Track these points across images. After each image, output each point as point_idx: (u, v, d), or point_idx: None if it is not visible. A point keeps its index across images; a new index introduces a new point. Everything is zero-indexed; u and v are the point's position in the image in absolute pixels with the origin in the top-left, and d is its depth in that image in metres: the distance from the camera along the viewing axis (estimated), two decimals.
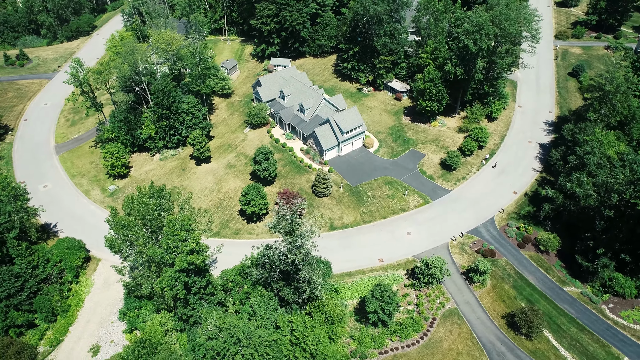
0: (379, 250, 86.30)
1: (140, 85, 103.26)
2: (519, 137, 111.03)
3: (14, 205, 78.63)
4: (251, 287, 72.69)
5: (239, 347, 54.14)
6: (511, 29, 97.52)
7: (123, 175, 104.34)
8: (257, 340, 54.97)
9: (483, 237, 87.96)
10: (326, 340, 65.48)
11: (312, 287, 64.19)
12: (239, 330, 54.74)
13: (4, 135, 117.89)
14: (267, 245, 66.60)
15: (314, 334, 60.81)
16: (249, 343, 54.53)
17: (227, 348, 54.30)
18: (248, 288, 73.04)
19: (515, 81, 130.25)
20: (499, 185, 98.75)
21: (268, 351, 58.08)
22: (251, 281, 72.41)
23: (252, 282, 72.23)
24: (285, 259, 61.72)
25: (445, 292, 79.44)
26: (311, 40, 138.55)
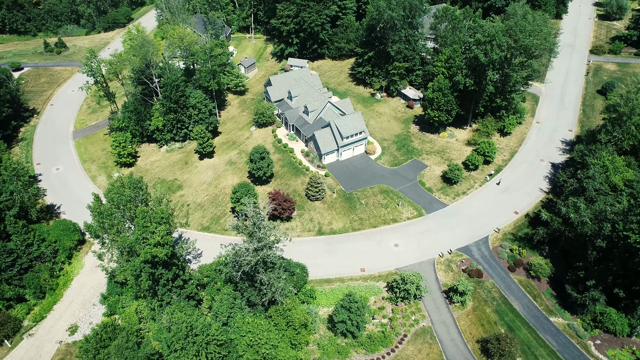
0: (362, 259, 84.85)
1: (151, 78, 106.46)
2: (530, 155, 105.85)
3: (15, 184, 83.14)
4: (223, 284, 73.42)
5: (185, 342, 54.82)
6: (526, 41, 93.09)
7: (129, 164, 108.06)
8: (202, 338, 55.44)
9: (472, 256, 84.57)
10: (285, 346, 65.14)
11: (272, 291, 63.98)
12: (186, 326, 55.44)
13: (30, 118, 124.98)
14: (235, 245, 66.96)
15: (268, 337, 60.58)
16: (196, 339, 55.10)
17: (174, 342, 55.14)
18: (220, 285, 73.84)
19: (537, 95, 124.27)
20: (500, 203, 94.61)
21: (219, 350, 58.46)
22: (223, 279, 73.13)
23: (224, 280, 72.93)
24: (241, 261, 61.86)
25: (422, 309, 77.03)
26: (330, 43, 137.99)
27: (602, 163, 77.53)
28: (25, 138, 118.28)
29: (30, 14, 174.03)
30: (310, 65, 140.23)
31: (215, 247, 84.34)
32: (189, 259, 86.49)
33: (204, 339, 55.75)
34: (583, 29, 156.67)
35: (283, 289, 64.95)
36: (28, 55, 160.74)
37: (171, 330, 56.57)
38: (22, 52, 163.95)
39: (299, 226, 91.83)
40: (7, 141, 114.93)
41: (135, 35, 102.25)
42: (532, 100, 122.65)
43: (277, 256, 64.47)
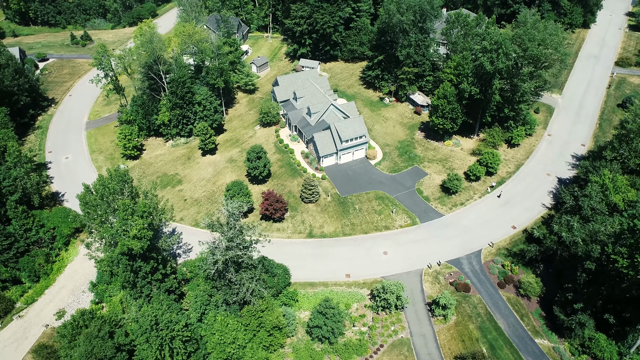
0: (349, 265, 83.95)
1: (158, 74, 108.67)
2: (537, 168, 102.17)
3: (18, 171, 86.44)
4: (203, 280, 74.11)
5: (149, 335, 55.61)
6: (534, 50, 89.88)
7: (135, 156, 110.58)
8: (166, 332, 56.09)
9: (462, 270, 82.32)
10: (256, 347, 65.21)
11: (243, 291, 64.10)
12: (151, 319, 56.19)
13: (48, 108, 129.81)
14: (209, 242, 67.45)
15: (236, 337, 60.72)
16: (160, 333, 55.82)
17: (139, 334, 56.09)
18: (200, 281, 74.59)
19: (552, 107, 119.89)
20: (498, 216, 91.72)
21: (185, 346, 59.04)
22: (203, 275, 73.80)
23: (204, 277, 73.60)
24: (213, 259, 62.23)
25: (403, 320, 75.52)
26: (343, 45, 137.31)
27: (602, 181, 73.90)
28: (41, 126, 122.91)
29: (61, 7, 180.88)
30: (322, 66, 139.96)
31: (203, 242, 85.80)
32: (179, 253, 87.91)
33: (168, 333, 56.42)
34: (611, 40, 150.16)
35: (254, 290, 64.92)
36: (55, 47, 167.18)
37: (138, 322, 57.56)
38: (50, 44, 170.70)
39: (290, 227, 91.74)
40: (24, 129, 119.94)
41: (146, 31, 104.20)
42: (546, 112, 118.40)
43: (250, 256, 64.41)
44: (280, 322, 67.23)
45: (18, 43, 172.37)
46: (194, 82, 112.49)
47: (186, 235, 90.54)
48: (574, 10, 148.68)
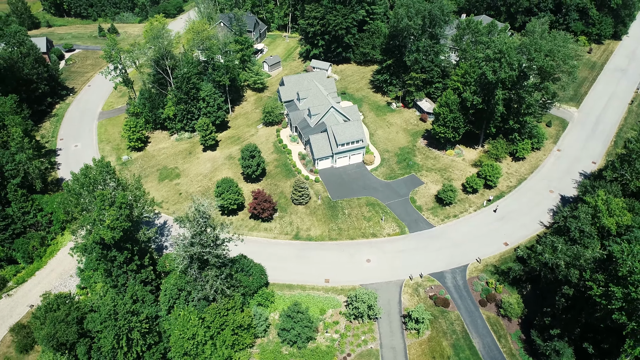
0: (330, 270, 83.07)
1: (165, 69, 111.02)
2: (540, 184, 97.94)
3: (20, 156, 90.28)
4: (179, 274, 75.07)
5: (107, 325, 56.86)
6: (540, 61, 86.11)
7: (139, 148, 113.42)
8: (123, 322, 57.12)
9: (444, 284, 79.92)
10: (219, 344, 65.42)
11: (206, 289, 64.47)
12: (109, 309, 57.37)
13: (66, 97, 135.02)
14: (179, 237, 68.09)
15: (195, 332, 61.16)
16: (117, 324, 56.93)
17: (97, 323, 57.51)
18: (176, 274, 75.58)
19: (566, 121, 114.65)
20: (491, 232, 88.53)
21: (145, 338, 60.01)
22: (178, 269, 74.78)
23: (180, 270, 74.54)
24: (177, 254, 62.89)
25: (375, 330, 74.07)
26: (356, 47, 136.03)
27: (595, 202, 69.97)
28: (58, 114, 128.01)
29: (92, 0, 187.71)
30: (334, 68, 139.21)
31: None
32: (165, 245, 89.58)
33: (125, 324, 57.48)
34: None
35: (218, 289, 65.17)
36: (83, 39, 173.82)
37: (98, 310, 59.00)
38: (80, 35, 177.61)
39: (277, 228, 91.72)
40: (41, 116, 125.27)
41: (155, 26, 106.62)
42: (559, 126, 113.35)
43: (218, 254, 64.64)
44: (245, 322, 67.19)
45: (51, 33, 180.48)
46: (202, 79, 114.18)
47: (175, 229, 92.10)
48: (603, 21, 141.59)
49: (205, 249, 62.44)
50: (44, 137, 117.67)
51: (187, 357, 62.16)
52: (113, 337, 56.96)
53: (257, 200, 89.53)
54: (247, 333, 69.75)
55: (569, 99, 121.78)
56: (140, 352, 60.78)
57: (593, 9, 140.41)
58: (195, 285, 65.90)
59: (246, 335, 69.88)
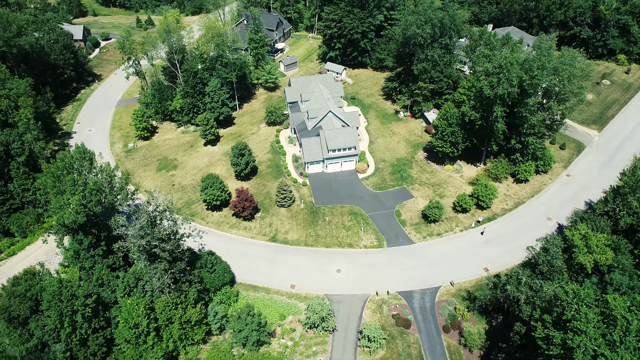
0: (298, 276, 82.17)
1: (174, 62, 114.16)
2: (539, 210, 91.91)
3: (26, 136, 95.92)
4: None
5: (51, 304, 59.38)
6: (542, 79, 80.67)
7: (146, 137, 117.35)
8: (66, 304, 59.30)
9: (411, 304, 76.84)
10: (166, 337, 66.42)
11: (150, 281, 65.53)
12: (54, 289, 59.71)
13: (92, 83, 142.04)
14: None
15: (137, 322, 62.39)
16: (60, 305, 59.21)
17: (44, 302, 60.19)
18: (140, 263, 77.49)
19: (583, 144, 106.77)
20: (473, 255, 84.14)
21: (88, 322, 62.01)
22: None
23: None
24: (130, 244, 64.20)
25: (328, 342, 72.44)
26: (373, 52, 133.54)
27: (572, 235, 64.59)
28: (80, 99, 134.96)
29: None
30: (350, 72, 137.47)
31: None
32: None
33: (67, 305, 59.68)
34: None
35: (164, 282, 66.02)
36: (122, 29, 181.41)
37: (45, 290, 61.66)
38: (120, 25, 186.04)
39: (256, 228, 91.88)
40: (64, 99, 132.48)
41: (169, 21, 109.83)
42: (573, 149, 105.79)
43: (167, 249, 65.35)
44: (194, 318, 67.71)
45: (95, 22, 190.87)
46: (211, 74, 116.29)
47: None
48: None
49: (154, 242, 63.45)
50: (62, 119, 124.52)
51: (129, 345, 63.65)
52: (56, 317, 59.30)
53: (239, 199, 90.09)
54: (198, 329, 70.43)
55: (592, 122, 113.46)
56: (85, 335, 62.83)
57: (635, 26, 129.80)
58: (147, 277, 67.24)
59: (198, 331, 70.58)
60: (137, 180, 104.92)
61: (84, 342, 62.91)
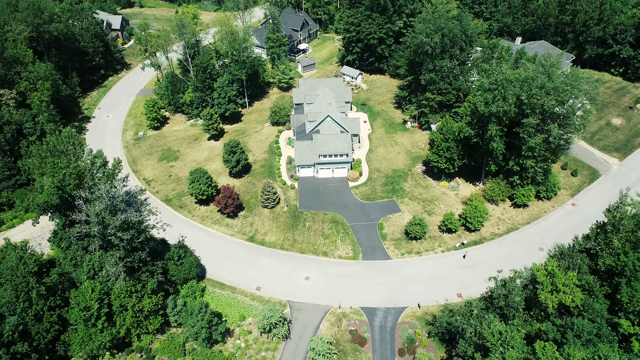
0: (266, 278, 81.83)
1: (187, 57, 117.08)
2: (532, 239, 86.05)
3: (41, 117, 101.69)
4: None
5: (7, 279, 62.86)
6: (541, 99, 75.21)
7: (156, 127, 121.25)
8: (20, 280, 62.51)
9: (371, 322, 74.30)
10: (120, 322, 68.17)
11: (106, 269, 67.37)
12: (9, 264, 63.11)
13: (121, 72, 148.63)
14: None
15: (88, 305, 64.50)
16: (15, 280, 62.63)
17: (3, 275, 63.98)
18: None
19: (599, 172, 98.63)
20: (449, 278, 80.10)
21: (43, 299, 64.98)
22: None
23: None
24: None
25: (279, 349, 71.55)
26: (390, 59, 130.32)
27: (541, 269, 59.68)
28: (107, 86, 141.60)
29: None
30: (366, 77, 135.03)
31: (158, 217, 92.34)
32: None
33: (21, 281, 62.79)
34: None
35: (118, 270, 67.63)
36: (162, 21, 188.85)
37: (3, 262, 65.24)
38: (161, 17, 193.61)
39: (237, 226, 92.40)
40: (91, 85, 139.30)
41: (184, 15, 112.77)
42: (586, 176, 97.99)
43: (124, 238, 66.81)
44: (147, 308, 68.99)
45: (140, 13, 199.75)
46: (224, 70, 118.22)
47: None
48: None
49: (109, 230, 65.22)
50: (85, 104, 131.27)
51: (80, 326, 66.00)
52: (12, 291, 62.56)
53: (222, 195, 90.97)
54: (154, 319, 71.79)
55: (614, 149, 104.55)
56: (41, 312, 65.80)
57: None
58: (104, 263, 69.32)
59: (154, 322, 71.97)
60: (138, 168, 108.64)
61: (40, 318, 65.83)
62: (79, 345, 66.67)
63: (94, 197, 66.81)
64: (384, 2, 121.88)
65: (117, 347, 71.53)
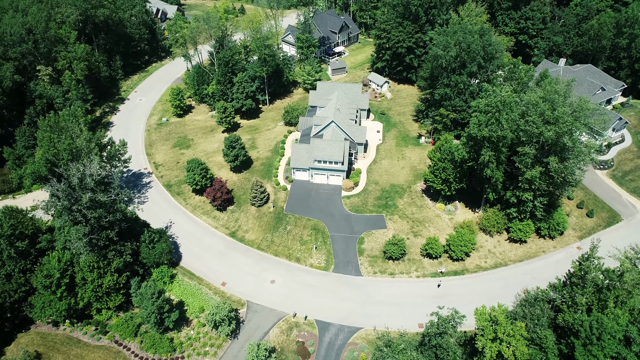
0: (233, 275, 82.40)
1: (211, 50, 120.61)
2: (519, 279, 79.03)
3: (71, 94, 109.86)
4: None
5: None
6: (539, 128, 68.49)
7: (180, 115, 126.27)
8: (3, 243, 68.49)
9: (321, 336, 72.22)
10: (80, 294, 72.16)
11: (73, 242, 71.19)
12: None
13: (164, 59, 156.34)
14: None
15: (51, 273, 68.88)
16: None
17: None
18: None
19: (620, 217, 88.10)
20: (416, 305, 75.67)
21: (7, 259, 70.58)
22: None
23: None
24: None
25: (223, 347, 71.86)
26: (420, 69, 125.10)
27: (478, 315, 54.46)
28: (148, 71, 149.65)
29: None
30: (394, 86, 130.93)
31: (157, 201, 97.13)
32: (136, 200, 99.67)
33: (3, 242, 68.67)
34: None
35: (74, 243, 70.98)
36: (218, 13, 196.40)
37: None
38: (216, 9, 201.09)
39: (223, 220, 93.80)
40: (134, 69, 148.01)
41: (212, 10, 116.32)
42: (604, 219, 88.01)
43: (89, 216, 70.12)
44: (105, 285, 72.20)
45: (202, 4, 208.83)
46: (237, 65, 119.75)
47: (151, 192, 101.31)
48: None
49: (73, 206, 68.88)
50: (124, 86, 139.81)
51: (41, 292, 70.66)
52: None
53: (212, 188, 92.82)
54: (115, 297, 75.07)
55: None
56: (11, 273, 71.24)
57: None
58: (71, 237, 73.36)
59: (115, 299, 75.30)
60: (152, 152, 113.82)
61: (9, 278, 71.31)
62: (40, 309, 71.31)
63: (67, 174, 70.84)
64: (415, 9, 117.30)
65: (80, 317, 75.57)
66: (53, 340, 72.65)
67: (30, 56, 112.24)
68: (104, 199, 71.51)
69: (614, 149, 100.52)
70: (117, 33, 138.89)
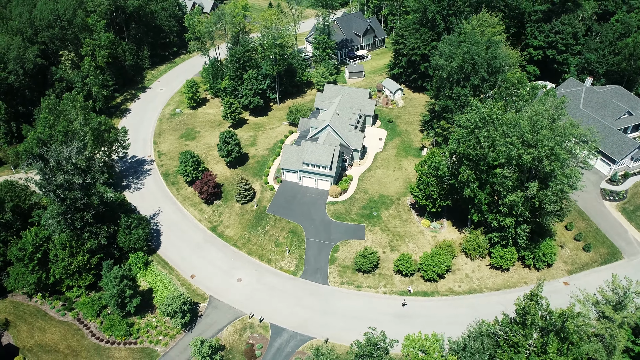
0: (203, 269, 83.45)
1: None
2: (491, 309, 73.65)
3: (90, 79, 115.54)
4: None
5: None
6: (517, 148, 63.82)
7: (194, 107, 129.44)
8: None
9: (272, 341, 71.51)
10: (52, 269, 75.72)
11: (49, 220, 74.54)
12: None
13: (193, 52, 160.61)
14: None
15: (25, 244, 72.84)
16: None
17: None
18: None
19: (621, 254, 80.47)
20: (374, 321, 70.48)
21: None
22: None
23: None
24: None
25: (176, 339, 72.97)
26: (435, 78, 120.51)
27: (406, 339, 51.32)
28: (175, 62, 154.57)
29: None
30: (408, 94, 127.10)
31: (151, 190, 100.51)
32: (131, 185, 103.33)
33: None
34: None
35: (48, 220, 74.21)
36: (256, 10, 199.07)
37: None
38: (257, 6, 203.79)
39: (207, 213, 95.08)
40: (162, 59, 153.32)
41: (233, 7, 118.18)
42: (603, 254, 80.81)
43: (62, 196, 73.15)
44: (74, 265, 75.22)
45: None
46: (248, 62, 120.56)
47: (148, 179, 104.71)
48: None
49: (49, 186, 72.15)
50: (148, 75, 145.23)
51: (15, 263, 74.82)
52: None
53: (200, 181, 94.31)
54: (86, 276, 78.12)
55: None
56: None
57: None
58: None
59: (87, 278, 78.37)
60: (159, 140, 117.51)
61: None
62: (14, 280, 75.52)
63: (47, 155, 74.43)
64: (432, 16, 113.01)
65: (52, 292, 79.29)
66: (23, 310, 76.82)
67: (57, 41, 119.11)
68: (79, 182, 74.46)
69: (630, 180, 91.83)
70: (147, 24, 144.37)
